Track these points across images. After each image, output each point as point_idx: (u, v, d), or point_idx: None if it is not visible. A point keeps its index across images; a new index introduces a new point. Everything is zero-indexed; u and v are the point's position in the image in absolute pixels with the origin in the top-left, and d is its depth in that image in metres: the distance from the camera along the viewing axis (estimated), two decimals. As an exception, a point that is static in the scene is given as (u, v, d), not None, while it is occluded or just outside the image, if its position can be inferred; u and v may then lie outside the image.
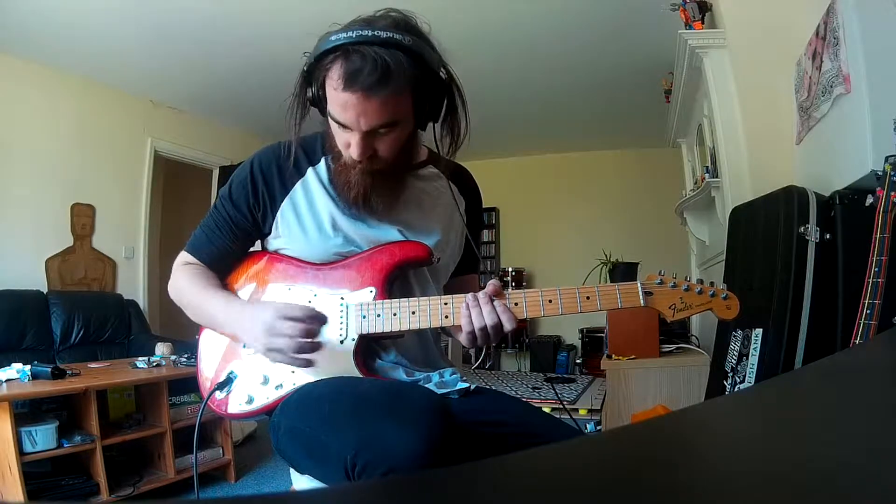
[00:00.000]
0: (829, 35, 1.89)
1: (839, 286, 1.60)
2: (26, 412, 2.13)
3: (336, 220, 0.96)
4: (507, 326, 0.88)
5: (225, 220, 0.98)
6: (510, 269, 5.84)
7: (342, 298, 0.92)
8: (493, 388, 1.06)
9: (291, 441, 0.85)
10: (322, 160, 0.98)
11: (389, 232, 0.98)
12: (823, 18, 1.95)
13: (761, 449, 0.32)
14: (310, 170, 0.98)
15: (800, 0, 2.26)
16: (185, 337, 2.77)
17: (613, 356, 2.75)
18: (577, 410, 3.26)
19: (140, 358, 2.65)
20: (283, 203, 0.97)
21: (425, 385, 0.93)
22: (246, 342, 0.93)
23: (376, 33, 0.81)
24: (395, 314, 0.90)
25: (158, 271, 4.45)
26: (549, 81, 4.24)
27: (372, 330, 0.90)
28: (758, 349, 1.77)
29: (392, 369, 0.95)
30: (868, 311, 1.25)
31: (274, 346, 0.86)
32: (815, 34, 2.03)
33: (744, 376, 1.81)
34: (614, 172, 5.88)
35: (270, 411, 0.91)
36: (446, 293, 0.99)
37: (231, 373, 0.95)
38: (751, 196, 2.23)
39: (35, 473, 2.05)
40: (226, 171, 4.89)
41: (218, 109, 4.77)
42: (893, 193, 1.25)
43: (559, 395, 3.48)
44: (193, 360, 1.02)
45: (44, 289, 3.60)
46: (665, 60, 3.47)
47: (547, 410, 1.51)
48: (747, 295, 1.85)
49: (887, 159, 1.29)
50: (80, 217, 3.95)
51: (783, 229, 1.75)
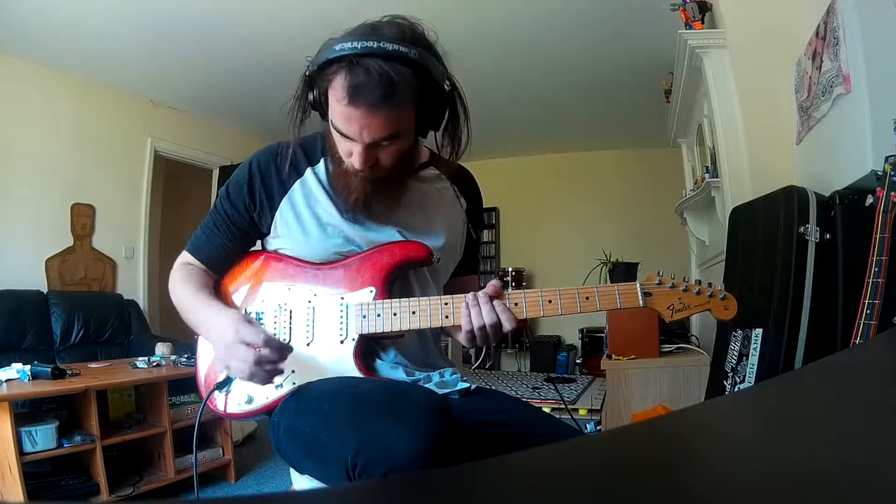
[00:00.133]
0: (829, 35, 1.89)
1: (839, 286, 1.60)
2: (26, 412, 2.13)
3: (335, 221, 0.96)
4: (507, 326, 0.88)
5: (223, 220, 0.98)
6: (510, 269, 5.84)
7: (342, 298, 0.92)
8: (493, 388, 1.06)
9: (291, 441, 0.85)
10: (321, 161, 0.98)
11: (389, 233, 0.98)
12: (823, 18, 1.95)
13: (761, 449, 0.32)
14: (308, 170, 0.98)
15: (800, 0, 2.26)
16: (185, 337, 2.75)
17: (613, 356, 2.75)
18: (577, 410, 3.26)
19: (140, 358, 2.65)
20: (282, 203, 0.97)
21: (425, 385, 0.93)
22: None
23: (382, 45, 0.79)
24: (396, 314, 0.90)
25: (158, 271, 4.45)
26: (549, 81, 4.24)
27: (372, 330, 0.90)
28: (758, 349, 1.77)
29: (392, 369, 0.95)
30: (868, 311, 1.25)
31: (230, 366, 0.85)
32: (815, 34, 2.03)
33: (744, 376, 1.81)
34: (614, 172, 5.88)
35: (270, 411, 0.91)
36: (446, 293, 0.99)
37: (231, 373, 0.95)
38: (751, 196, 2.23)
39: (35, 473, 2.05)
40: (226, 171, 4.88)
41: (218, 109, 4.77)
42: (893, 193, 1.26)
43: (562, 395, 3.48)
44: (193, 360, 1.01)
45: (44, 289, 3.60)
46: (665, 60, 3.47)
47: (547, 410, 1.51)
48: (747, 295, 1.85)
49: (887, 159, 1.29)
50: (80, 217, 3.95)
51: (783, 229, 1.75)
